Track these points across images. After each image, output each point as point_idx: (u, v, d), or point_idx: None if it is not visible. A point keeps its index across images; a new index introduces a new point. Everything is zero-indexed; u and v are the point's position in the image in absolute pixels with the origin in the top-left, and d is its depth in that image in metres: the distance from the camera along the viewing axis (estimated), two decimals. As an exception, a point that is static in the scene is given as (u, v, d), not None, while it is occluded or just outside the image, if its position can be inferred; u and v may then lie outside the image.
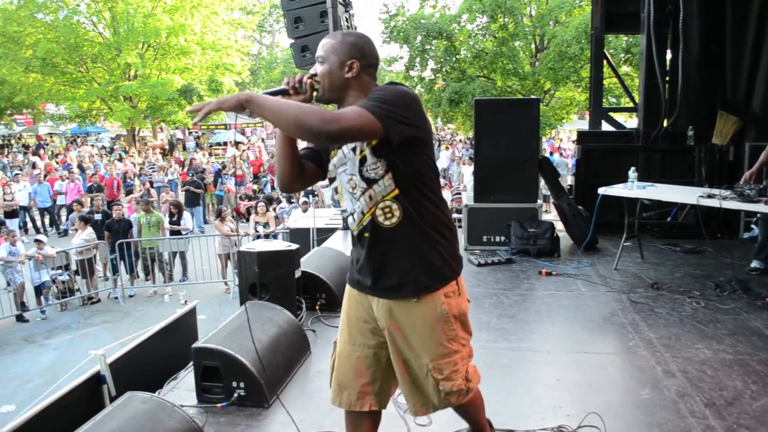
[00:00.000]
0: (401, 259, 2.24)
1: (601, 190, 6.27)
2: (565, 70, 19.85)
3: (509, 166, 7.04)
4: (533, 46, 22.32)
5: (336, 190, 2.34)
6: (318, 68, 2.24)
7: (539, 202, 7.37)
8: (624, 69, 19.31)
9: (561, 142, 27.03)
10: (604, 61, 8.80)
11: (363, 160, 2.18)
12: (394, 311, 2.28)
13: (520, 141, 7.05)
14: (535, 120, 7.24)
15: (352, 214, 2.30)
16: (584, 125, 23.46)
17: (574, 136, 29.25)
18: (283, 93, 2.20)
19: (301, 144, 2.32)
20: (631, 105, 9.95)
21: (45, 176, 17.52)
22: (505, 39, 20.42)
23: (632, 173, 6.16)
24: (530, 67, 21.89)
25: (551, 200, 8.46)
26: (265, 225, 12.05)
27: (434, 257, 2.24)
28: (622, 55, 19.14)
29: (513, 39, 20.84)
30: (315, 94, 2.23)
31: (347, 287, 2.48)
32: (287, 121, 1.99)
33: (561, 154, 20.99)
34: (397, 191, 2.18)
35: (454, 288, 2.29)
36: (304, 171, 2.34)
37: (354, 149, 2.20)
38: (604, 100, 9.59)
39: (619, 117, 9.53)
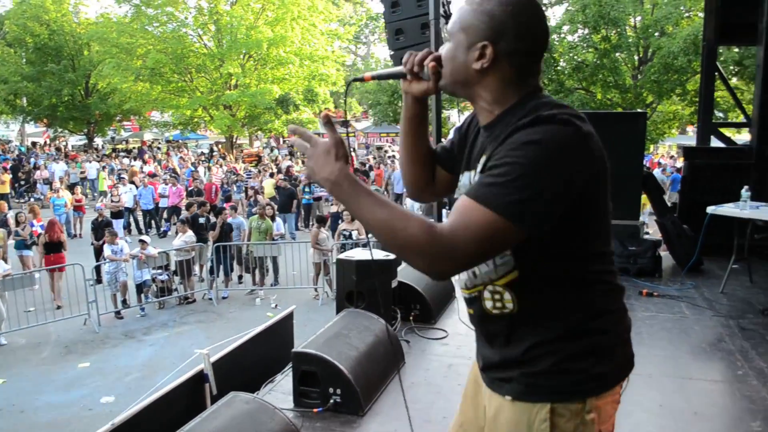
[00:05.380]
0: (510, 351, 1.55)
1: (711, 209, 5.98)
2: (670, 83, 19.18)
3: (611, 182, 6.80)
4: (636, 57, 21.64)
5: None
6: (443, 47, 1.56)
7: (641, 219, 7.10)
8: (733, 81, 18.41)
9: (661, 157, 25.98)
10: (716, 74, 8.40)
11: None
12: (488, 405, 1.64)
13: (623, 156, 6.79)
14: (640, 135, 7.01)
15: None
16: (685, 140, 22.55)
17: (673, 152, 28.18)
18: (400, 76, 1.65)
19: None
20: (741, 120, 9.42)
21: (139, 179, 18.52)
22: (606, 50, 19.94)
23: (745, 192, 5.84)
24: (632, 79, 21.22)
25: (654, 218, 8.13)
26: (352, 232, 12.13)
27: (554, 361, 1.48)
28: (732, 67, 18.26)
29: (615, 50, 20.32)
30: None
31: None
32: (378, 238, 1.39)
33: (663, 170, 20.19)
34: (515, 275, 1.48)
35: (579, 411, 1.48)
36: (434, 178, 1.79)
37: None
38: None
39: (726, 132, 9.05)
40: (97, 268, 10.98)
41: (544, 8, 22.23)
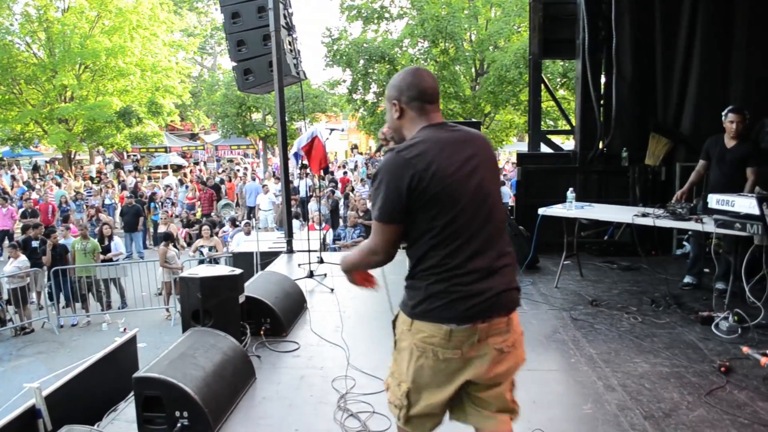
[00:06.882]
0: None
1: (541, 211, 6.41)
2: (505, 94, 20.27)
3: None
4: (473, 70, 22.72)
5: None
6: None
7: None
8: (561, 93, 19.87)
9: (506, 163, 27.46)
10: (542, 86, 9.02)
11: None
12: None
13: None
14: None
15: None
16: (524, 147, 23.98)
17: (514, 158, 29.87)
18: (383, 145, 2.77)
19: None
20: (568, 128, 10.21)
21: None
22: (446, 63, 20.74)
23: (570, 194, 6.32)
24: (471, 90, 22.26)
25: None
26: (211, 248, 11.84)
27: (405, 287, 2.39)
28: (558, 79, 19.66)
29: (454, 63, 21.18)
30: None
31: None
32: (364, 269, 2.48)
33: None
34: None
35: (407, 322, 2.33)
36: None
37: None
38: (542, 122, 9.78)
39: (556, 139, 9.74)
40: None
41: (386, 23, 22.95)
